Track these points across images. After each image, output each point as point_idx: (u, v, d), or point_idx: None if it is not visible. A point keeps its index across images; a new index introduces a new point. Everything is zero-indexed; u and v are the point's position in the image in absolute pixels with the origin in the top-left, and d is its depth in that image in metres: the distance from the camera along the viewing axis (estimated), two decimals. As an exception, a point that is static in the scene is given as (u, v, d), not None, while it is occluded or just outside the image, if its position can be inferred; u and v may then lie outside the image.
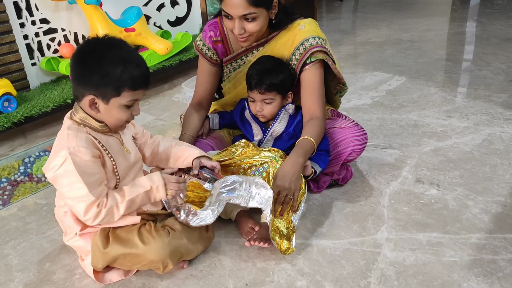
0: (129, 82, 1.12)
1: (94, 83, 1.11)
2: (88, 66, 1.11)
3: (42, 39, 2.49)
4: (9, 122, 2.09)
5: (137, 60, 1.15)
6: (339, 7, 4.75)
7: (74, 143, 1.13)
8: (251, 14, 1.42)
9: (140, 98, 1.19)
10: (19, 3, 2.35)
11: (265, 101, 1.55)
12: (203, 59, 1.68)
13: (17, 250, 1.46)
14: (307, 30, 1.55)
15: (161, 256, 1.22)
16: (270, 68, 1.52)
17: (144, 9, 2.83)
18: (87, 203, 1.14)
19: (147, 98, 2.64)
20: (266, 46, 1.60)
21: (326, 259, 1.33)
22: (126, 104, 1.15)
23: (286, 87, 1.56)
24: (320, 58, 1.53)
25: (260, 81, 1.52)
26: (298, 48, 1.54)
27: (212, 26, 1.65)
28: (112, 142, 1.23)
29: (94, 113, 1.17)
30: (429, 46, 3.26)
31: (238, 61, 1.66)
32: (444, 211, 1.50)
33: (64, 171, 1.13)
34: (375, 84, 2.63)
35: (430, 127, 2.07)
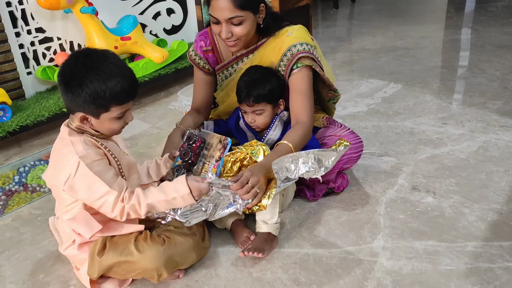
0: (115, 98, 1.13)
1: (81, 104, 1.13)
2: (71, 90, 1.12)
3: (38, 48, 2.49)
4: (4, 131, 2.08)
5: (119, 73, 1.13)
6: (335, 15, 4.78)
7: (81, 148, 1.16)
8: (238, 18, 1.43)
9: (129, 107, 1.20)
10: (14, 13, 2.35)
11: (256, 112, 1.55)
12: (197, 68, 1.71)
13: (11, 261, 1.44)
14: (295, 36, 1.55)
15: (156, 264, 1.22)
16: (258, 79, 1.53)
17: (140, 18, 2.84)
18: (112, 198, 1.15)
19: (143, 107, 2.64)
20: (256, 53, 1.61)
21: (323, 268, 1.33)
22: (117, 116, 1.17)
23: (275, 96, 1.56)
24: (306, 64, 1.52)
25: (248, 94, 1.52)
26: (286, 54, 1.54)
27: (203, 36, 1.67)
28: (111, 145, 1.26)
29: (88, 126, 1.20)
30: (424, 53, 3.27)
31: (229, 69, 1.67)
32: (440, 219, 1.50)
33: (81, 176, 1.14)
34: (370, 91, 2.64)
35: (426, 135, 2.07)
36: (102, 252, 1.23)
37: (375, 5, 5.08)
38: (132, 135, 2.29)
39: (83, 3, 2.37)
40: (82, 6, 2.36)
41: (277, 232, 1.42)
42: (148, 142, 2.21)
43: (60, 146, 1.20)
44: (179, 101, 2.56)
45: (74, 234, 1.25)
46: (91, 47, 1.17)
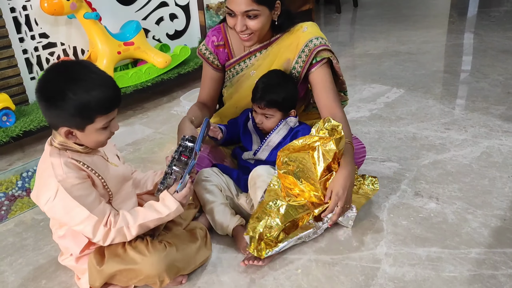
0: (99, 109, 1.10)
1: (66, 118, 1.10)
2: (55, 105, 1.08)
3: (41, 54, 2.50)
4: (7, 136, 2.09)
5: (102, 83, 1.11)
6: (337, 19, 4.78)
7: (60, 171, 1.12)
8: (253, 11, 1.46)
9: (114, 116, 1.17)
10: (18, 18, 2.36)
11: (265, 115, 1.57)
12: (206, 63, 1.73)
13: (13, 267, 1.44)
14: (310, 32, 1.60)
15: (158, 270, 1.21)
16: (275, 85, 1.54)
17: (143, 23, 2.85)
18: (92, 224, 1.14)
19: (145, 112, 2.64)
20: (269, 48, 1.63)
21: (325, 274, 1.32)
22: (103, 127, 1.14)
23: (287, 105, 1.58)
24: (325, 57, 1.57)
25: (262, 96, 1.55)
26: (303, 50, 1.58)
27: (215, 31, 1.70)
28: (97, 160, 1.22)
29: (73, 141, 1.16)
30: (427, 58, 3.27)
31: (240, 64, 1.68)
32: (443, 225, 1.49)
33: (60, 200, 1.12)
34: (373, 96, 2.64)
35: (429, 140, 2.07)
36: (102, 262, 1.23)
37: (377, 10, 5.09)
38: (135, 140, 2.29)
39: (86, 8, 2.38)
40: (86, 11, 2.37)
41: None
42: (150, 147, 2.21)
43: (42, 167, 1.17)
44: (181, 106, 2.57)
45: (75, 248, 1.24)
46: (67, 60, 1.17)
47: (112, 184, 1.24)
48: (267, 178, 1.45)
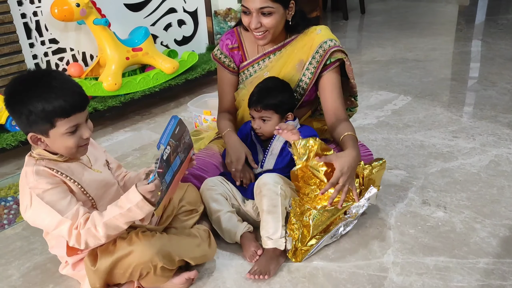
0: (57, 111, 1.09)
1: (26, 123, 1.11)
2: (14, 110, 1.11)
3: (51, 59, 2.52)
4: (16, 140, 2.11)
5: (60, 87, 1.10)
6: (344, 26, 4.79)
7: (31, 179, 1.13)
8: (268, 8, 1.48)
9: (81, 121, 1.14)
10: (29, 24, 2.39)
11: (262, 118, 1.57)
12: (222, 68, 1.74)
13: (21, 271, 1.45)
14: (324, 34, 1.62)
15: (148, 254, 1.20)
16: (271, 88, 1.56)
17: (151, 29, 2.87)
18: (66, 227, 1.13)
19: (153, 117, 2.66)
20: (283, 50, 1.65)
21: (332, 282, 1.32)
22: (67, 131, 1.12)
23: (284, 108, 1.58)
24: (339, 58, 1.60)
25: (258, 99, 1.56)
26: (318, 51, 1.60)
27: (229, 34, 1.73)
28: (74, 167, 1.22)
29: (43, 147, 1.16)
30: (434, 65, 3.27)
31: (254, 66, 1.70)
32: (451, 234, 1.48)
33: (34, 207, 1.13)
34: (380, 103, 2.63)
35: (436, 148, 2.06)
36: (95, 261, 1.23)
37: (384, 17, 5.09)
38: (142, 145, 2.30)
39: (96, 15, 2.40)
40: (95, 18, 2.39)
41: (283, 246, 1.38)
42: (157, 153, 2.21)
43: (20, 177, 1.19)
44: (188, 111, 2.58)
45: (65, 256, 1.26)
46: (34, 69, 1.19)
47: (92, 190, 1.23)
48: (273, 186, 1.43)
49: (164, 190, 1.16)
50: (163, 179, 1.14)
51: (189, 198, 1.49)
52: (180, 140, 1.20)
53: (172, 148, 1.16)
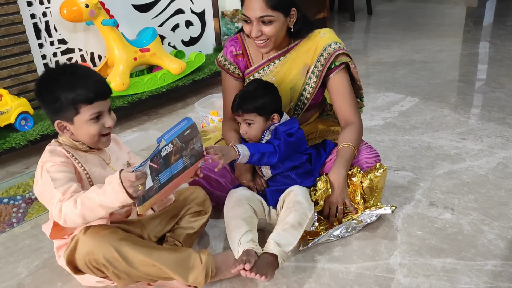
0: (81, 97, 1.16)
1: (52, 109, 1.19)
2: (42, 99, 1.20)
3: (60, 59, 2.54)
4: (25, 140, 2.13)
5: (84, 75, 1.19)
6: (351, 27, 4.78)
7: (46, 154, 1.21)
8: (268, 17, 1.48)
9: (103, 109, 1.21)
10: (38, 24, 2.41)
11: (246, 121, 1.54)
12: (226, 74, 1.73)
13: (30, 269, 1.46)
14: (328, 37, 1.62)
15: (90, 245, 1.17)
16: (252, 91, 1.54)
17: (159, 30, 2.88)
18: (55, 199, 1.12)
19: (160, 117, 2.67)
20: (287, 55, 1.65)
21: (338, 283, 1.32)
22: (91, 118, 1.19)
23: (268, 110, 1.53)
24: (344, 61, 1.59)
25: (239, 104, 1.53)
26: (322, 54, 1.60)
27: (233, 41, 1.72)
28: (91, 158, 1.27)
29: (68, 135, 1.23)
30: (442, 67, 3.25)
31: (259, 72, 1.70)
32: (459, 236, 1.48)
33: (42, 180, 1.17)
34: (387, 105, 2.63)
35: (444, 149, 2.05)
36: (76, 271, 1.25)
37: (392, 18, 5.07)
38: (149, 145, 2.32)
39: (104, 15, 2.42)
40: (104, 18, 2.41)
41: (282, 262, 1.30)
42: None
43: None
44: (195, 112, 2.59)
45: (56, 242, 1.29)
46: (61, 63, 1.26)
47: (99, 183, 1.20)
48: (307, 209, 1.42)
49: (155, 189, 1.10)
50: (156, 177, 1.08)
51: (197, 200, 1.49)
52: (187, 143, 1.16)
53: (175, 149, 1.11)
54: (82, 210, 1.09)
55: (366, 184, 1.49)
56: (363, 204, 1.51)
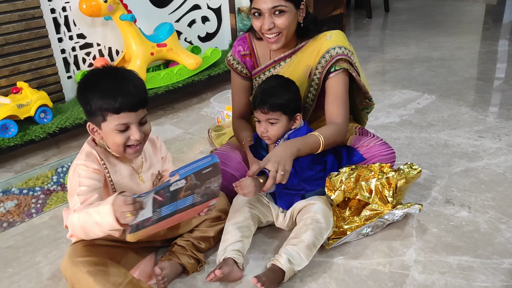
0: (107, 106, 1.15)
1: (85, 111, 1.21)
2: (80, 99, 1.21)
3: (78, 54, 2.58)
4: (44, 132, 2.17)
5: (117, 84, 1.16)
6: (368, 24, 4.75)
7: (82, 156, 1.23)
8: (281, 7, 1.47)
9: (131, 121, 1.17)
10: (58, 19, 2.45)
11: (270, 121, 1.49)
12: (235, 74, 1.74)
13: (48, 258, 1.49)
14: (334, 40, 1.59)
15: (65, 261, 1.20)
16: (276, 88, 1.49)
17: (176, 25, 2.90)
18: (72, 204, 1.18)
19: (176, 112, 2.69)
20: (293, 57, 1.63)
21: (353, 279, 1.32)
22: (117, 128, 1.17)
23: (292, 108, 1.49)
24: (344, 67, 1.55)
25: (264, 100, 1.47)
26: (324, 56, 1.57)
27: (241, 41, 1.72)
28: (121, 167, 1.28)
29: (98, 138, 1.24)
30: (460, 64, 3.21)
31: (266, 73, 1.69)
32: (475, 234, 1.46)
33: (71, 182, 1.21)
34: (403, 102, 2.61)
35: (461, 147, 2.03)
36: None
37: (409, 16, 5.02)
38: (165, 139, 2.34)
39: (123, 10, 2.44)
40: (122, 13, 2.44)
41: (286, 279, 1.30)
42: (180, 147, 2.25)
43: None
44: (211, 107, 2.60)
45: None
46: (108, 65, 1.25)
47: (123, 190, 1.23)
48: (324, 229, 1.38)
49: (153, 220, 1.05)
50: (158, 209, 1.04)
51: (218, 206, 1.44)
52: (203, 181, 1.09)
53: (188, 185, 1.05)
54: (82, 224, 1.09)
55: (400, 183, 1.47)
56: (391, 202, 1.48)
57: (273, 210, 1.51)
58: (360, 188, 1.49)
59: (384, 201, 1.48)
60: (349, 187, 1.48)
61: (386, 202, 1.48)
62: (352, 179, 1.47)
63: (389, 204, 1.48)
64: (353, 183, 1.48)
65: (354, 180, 1.48)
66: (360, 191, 1.49)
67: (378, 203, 1.48)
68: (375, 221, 1.46)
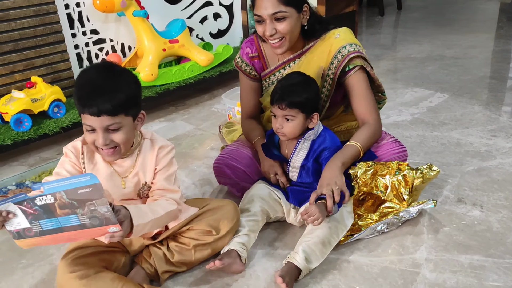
0: (76, 103, 1.14)
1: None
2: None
3: (91, 49, 2.61)
4: (57, 127, 2.19)
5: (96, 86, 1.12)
6: (380, 22, 4.72)
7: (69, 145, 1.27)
8: (281, 13, 1.46)
9: (95, 125, 1.13)
10: (72, 15, 2.47)
11: (286, 117, 1.46)
12: (243, 75, 1.73)
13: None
14: (343, 38, 1.57)
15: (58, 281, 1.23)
16: (296, 84, 1.46)
17: (188, 22, 2.91)
18: None
19: (187, 108, 2.70)
20: (303, 58, 1.62)
21: (363, 276, 1.31)
22: (85, 127, 1.16)
23: (310, 106, 1.46)
24: (359, 64, 1.55)
25: (282, 96, 1.44)
26: (336, 56, 1.56)
27: (249, 43, 1.71)
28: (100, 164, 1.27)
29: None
30: (473, 63, 3.18)
31: (275, 74, 1.69)
32: (487, 234, 1.45)
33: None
34: (415, 100, 2.59)
35: (474, 146, 2.01)
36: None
37: (422, 13, 4.98)
38: (176, 135, 2.35)
39: (135, 6, 2.46)
40: (135, 9, 2.45)
41: (302, 277, 1.30)
42: (191, 143, 2.26)
43: None
44: (222, 103, 2.61)
45: None
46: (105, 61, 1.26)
47: None
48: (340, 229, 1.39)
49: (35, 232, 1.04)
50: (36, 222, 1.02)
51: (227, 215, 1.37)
52: (83, 202, 0.99)
53: (59, 203, 0.98)
54: None
55: (417, 182, 1.46)
56: (407, 200, 1.47)
57: (285, 206, 1.51)
58: (376, 184, 1.48)
59: (400, 198, 1.48)
60: (364, 182, 1.48)
61: (402, 199, 1.47)
62: (369, 175, 1.48)
63: (405, 202, 1.47)
64: (369, 178, 1.48)
65: (371, 175, 1.48)
66: (375, 187, 1.49)
67: (394, 200, 1.48)
68: (391, 217, 1.45)
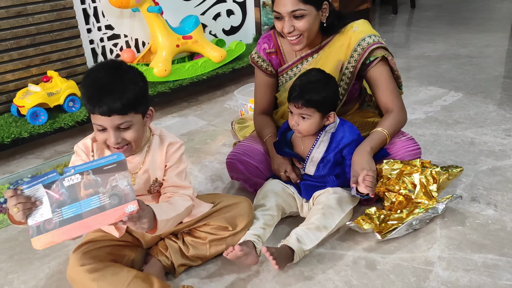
0: (86, 104, 1.13)
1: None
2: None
3: (106, 44, 2.63)
4: (72, 121, 2.22)
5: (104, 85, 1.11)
6: (393, 20, 4.69)
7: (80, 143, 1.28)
8: (300, 11, 1.46)
9: (106, 124, 1.13)
10: (87, 10, 2.50)
11: (302, 115, 1.46)
12: (259, 71, 1.73)
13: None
14: (362, 30, 1.58)
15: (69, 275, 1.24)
16: (315, 82, 1.45)
17: (201, 18, 2.93)
18: None
19: (199, 104, 2.72)
20: (321, 52, 1.62)
21: (375, 273, 1.32)
22: (96, 127, 1.16)
23: (327, 106, 1.46)
24: (379, 56, 1.56)
25: (300, 95, 1.44)
26: (356, 50, 1.56)
27: (266, 38, 1.71)
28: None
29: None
30: (488, 62, 3.15)
31: (293, 70, 1.69)
32: (501, 233, 1.44)
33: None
34: (429, 99, 2.57)
35: (488, 146, 2.00)
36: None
37: (436, 12, 4.93)
38: (189, 131, 2.37)
39: (150, 2, 2.47)
40: (149, 5, 2.47)
41: (296, 259, 1.32)
42: (203, 139, 2.27)
43: None
44: (234, 100, 2.62)
45: None
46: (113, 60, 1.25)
47: None
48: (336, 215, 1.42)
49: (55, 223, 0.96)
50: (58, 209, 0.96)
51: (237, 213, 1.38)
52: (106, 178, 0.97)
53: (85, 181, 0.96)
54: None
55: (443, 178, 1.47)
56: (436, 197, 1.47)
57: (298, 200, 1.53)
58: (403, 183, 1.49)
59: (429, 195, 1.48)
60: (390, 181, 1.49)
61: (431, 197, 1.47)
62: (394, 174, 1.48)
63: (434, 199, 1.47)
64: (394, 177, 1.48)
65: (396, 175, 1.48)
66: (403, 185, 1.49)
67: (423, 197, 1.47)
68: (423, 213, 1.45)
